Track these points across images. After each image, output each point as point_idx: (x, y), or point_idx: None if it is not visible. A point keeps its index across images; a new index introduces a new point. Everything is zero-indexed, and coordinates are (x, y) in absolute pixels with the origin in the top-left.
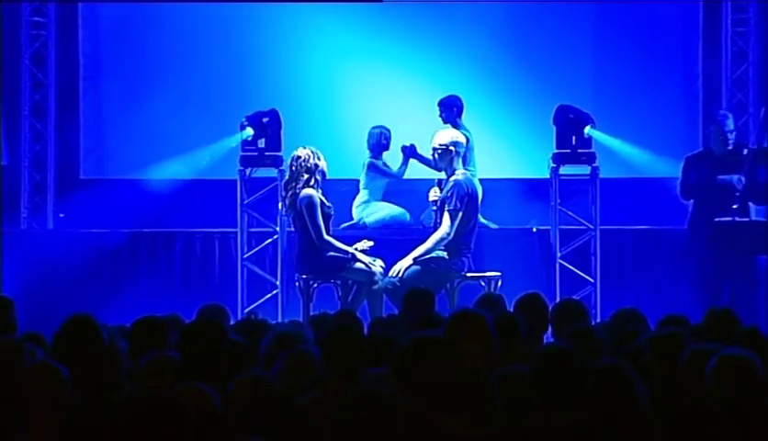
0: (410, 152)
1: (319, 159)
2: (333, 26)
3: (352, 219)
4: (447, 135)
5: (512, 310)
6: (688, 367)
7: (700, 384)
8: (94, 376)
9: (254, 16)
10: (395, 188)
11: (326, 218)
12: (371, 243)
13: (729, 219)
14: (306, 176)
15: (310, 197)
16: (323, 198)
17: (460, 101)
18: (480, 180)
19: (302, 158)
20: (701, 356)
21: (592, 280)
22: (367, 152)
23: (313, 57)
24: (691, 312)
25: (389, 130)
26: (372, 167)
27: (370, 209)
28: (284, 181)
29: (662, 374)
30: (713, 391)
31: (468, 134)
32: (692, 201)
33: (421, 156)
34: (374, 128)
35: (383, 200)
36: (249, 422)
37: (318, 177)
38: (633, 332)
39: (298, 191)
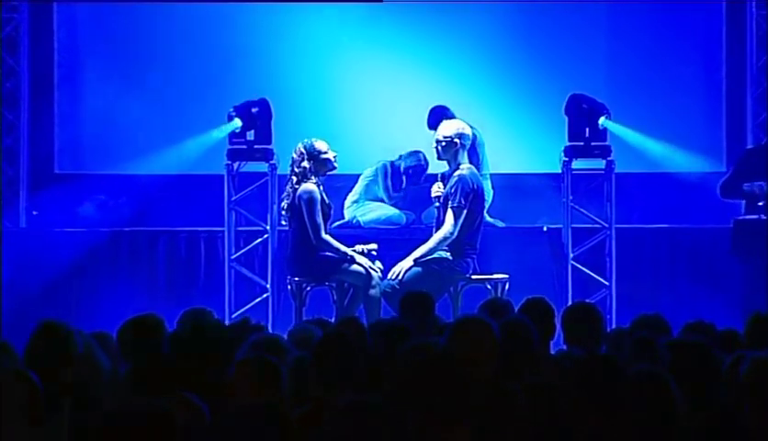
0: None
1: (313, 157)
2: (332, 24)
3: (343, 217)
4: (453, 126)
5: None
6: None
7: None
8: (66, 383)
9: (248, 9)
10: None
11: (325, 217)
12: (374, 246)
13: (756, 217)
14: (295, 179)
15: (310, 193)
16: (325, 196)
17: (449, 110)
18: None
19: (293, 159)
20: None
21: (606, 283)
22: (400, 161)
23: (309, 51)
24: (714, 318)
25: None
26: (385, 173)
27: (363, 209)
28: None
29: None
30: (745, 397)
31: (475, 131)
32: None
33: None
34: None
35: (377, 200)
36: None
37: (311, 177)
38: (652, 338)
39: (291, 193)
